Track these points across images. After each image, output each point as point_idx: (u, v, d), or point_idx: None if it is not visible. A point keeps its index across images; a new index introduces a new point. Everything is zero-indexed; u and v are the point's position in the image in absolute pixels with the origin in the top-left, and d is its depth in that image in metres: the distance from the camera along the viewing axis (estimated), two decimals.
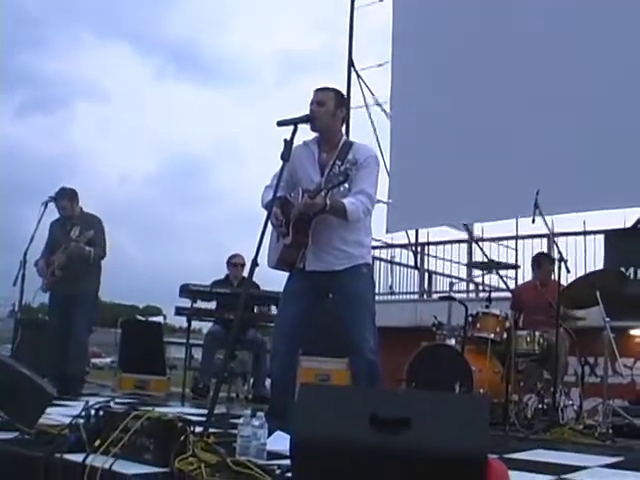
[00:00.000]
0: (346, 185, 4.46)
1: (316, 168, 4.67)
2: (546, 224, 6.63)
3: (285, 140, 4.30)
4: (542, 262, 7.62)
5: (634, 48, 8.78)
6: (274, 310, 7.83)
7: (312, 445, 2.59)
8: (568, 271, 6.55)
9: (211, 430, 3.59)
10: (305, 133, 4.64)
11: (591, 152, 8.86)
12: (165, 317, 10.68)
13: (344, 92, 5.04)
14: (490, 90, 9.87)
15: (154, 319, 10.49)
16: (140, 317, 11.70)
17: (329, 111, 4.63)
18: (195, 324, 8.62)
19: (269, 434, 3.54)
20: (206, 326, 9.00)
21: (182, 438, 3.07)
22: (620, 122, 8.71)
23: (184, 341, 9.25)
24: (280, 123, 4.39)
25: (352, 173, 4.43)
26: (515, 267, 8.27)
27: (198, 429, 3.35)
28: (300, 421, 2.68)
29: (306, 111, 4.60)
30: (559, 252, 6.50)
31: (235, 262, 8.80)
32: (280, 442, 3.74)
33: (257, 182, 4.93)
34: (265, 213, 4.37)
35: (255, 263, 4.06)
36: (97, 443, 3.13)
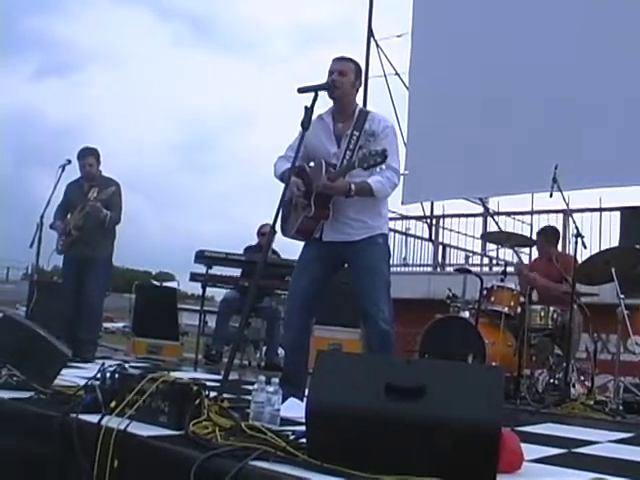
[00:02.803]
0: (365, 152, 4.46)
1: (332, 139, 4.66)
2: (564, 199, 6.59)
3: (306, 107, 4.28)
4: (538, 237, 7.66)
5: None
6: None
7: (327, 411, 2.60)
8: (585, 247, 6.53)
9: (225, 395, 3.61)
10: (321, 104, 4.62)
11: (608, 128, 8.81)
12: (179, 283, 10.69)
13: (362, 63, 5.01)
14: (510, 64, 9.80)
15: (168, 284, 10.53)
16: (155, 282, 11.74)
17: (350, 81, 4.62)
18: (207, 291, 8.64)
19: (283, 401, 3.56)
20: (219, 293, 9.05)
21: (197, 402, 3.08)
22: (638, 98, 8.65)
23: (196, 308, 9.30)
24: (301, 90, 4.37)
25: (371, 144, 4.44)
26: (531, 242, 8.23)
27: (212, 394, 3.37)
28: (316, 387, 2.69)
29: (324, 80, 4.58)
30: (576, 227, 6.47)
31: (264, 232, 8.79)
32: (294, 409, 3.76)
33: (272, 151, 4.92)
34: (278, 182, 4.39)
35: (274, 231, 4.08)
36: (113, 404, 3.15)
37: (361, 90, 4.97)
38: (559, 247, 7.75)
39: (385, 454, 2.50)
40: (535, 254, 9.64)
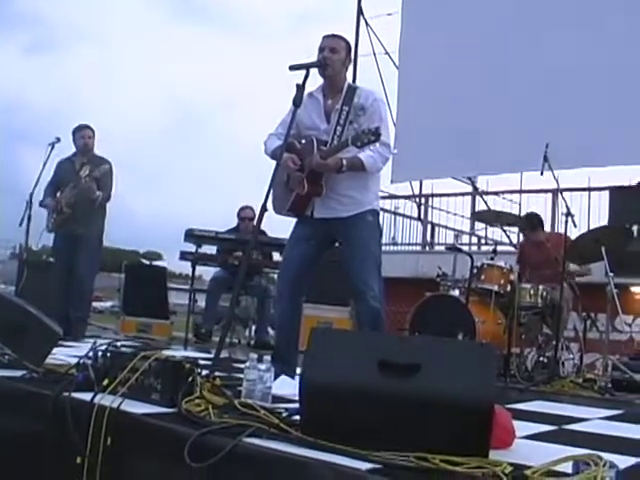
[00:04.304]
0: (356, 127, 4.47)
1: (322, 116, 4.67)
2: (555, 178, 6.59)
3: (297, 85, 4.28)
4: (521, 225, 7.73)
5: None
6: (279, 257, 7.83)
7: (321, 388, 2.60)
8: (575, 225, 6.55)
9: (216, 374, 3.60)
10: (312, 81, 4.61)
11: (598, 108, 8.79)
12: (167, 262, 10.71)
13: (351, 41, 5.00)
14: (500, 43, 9.76)
15: (158, 263, 10.54)
16: (145, 261, 11.74)
17: (341, 59, 4.62)
18: (196, 270, 8.63)
19: (274, 378, 3.56)
20: (207, 272, 9.03)
21: (190, 379, 3.09)
22: (629, 79, 8.64)
23: (184, 287, 9.29)
24: (292, 67, 4.37)
25: (360, 118, 4.45)
26: (520, 221, 8.24)
27: (204, 372, 3.37)
28: (310, 364, 2.69)
29: (315, 58, 4.57)
30: (567, 207, 6.48)
31: (244, 216, 8.70)
32: (285, 386, 3.78)
33: (262, 130, 4.92)
34: (269, 160, 4.39)
35: (264, 209, 4.06)
36: (105, 383, 3.14)
37: (351, 69, 4.97)
38: (547, 227, 7.77)
39: (378, 430, 2.51)
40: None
